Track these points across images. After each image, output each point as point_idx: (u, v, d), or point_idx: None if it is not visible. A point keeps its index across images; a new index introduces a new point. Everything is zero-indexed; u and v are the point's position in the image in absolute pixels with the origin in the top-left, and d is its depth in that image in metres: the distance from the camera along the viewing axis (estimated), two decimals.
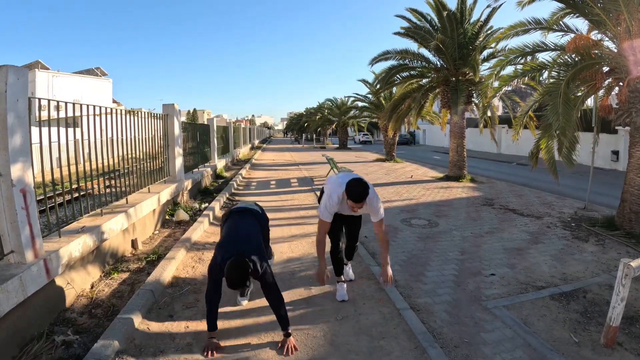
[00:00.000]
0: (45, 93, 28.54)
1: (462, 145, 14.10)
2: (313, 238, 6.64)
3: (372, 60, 15.36)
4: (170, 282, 4.83)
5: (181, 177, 9.01)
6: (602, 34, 7.41)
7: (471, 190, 11.92)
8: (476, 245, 6.34)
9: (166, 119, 8.46)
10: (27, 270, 3.41)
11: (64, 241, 4.19)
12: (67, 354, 3.36)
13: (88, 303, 4.31)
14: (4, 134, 3.30)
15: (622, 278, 3.31)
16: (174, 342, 3.56)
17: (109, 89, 39.32)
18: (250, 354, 3.41)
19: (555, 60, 7.74)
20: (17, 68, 3.42)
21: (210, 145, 14.69)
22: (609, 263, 5.51)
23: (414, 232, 7.08)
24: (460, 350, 3.44)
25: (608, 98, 8.20)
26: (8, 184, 3.34)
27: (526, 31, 8.68)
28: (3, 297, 3.07)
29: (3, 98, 3.28)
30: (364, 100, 27.76)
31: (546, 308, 4.21)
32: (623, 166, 17.68)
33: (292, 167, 19.24)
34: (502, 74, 9.49)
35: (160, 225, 7.50)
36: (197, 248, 6.13)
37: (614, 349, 3.43)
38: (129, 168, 6.43)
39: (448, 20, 12.85)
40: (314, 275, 4.19)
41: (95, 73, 40.99)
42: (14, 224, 3.43)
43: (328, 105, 42.59)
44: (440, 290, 4.67)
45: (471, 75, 13.12)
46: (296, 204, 9.80)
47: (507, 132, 28.24)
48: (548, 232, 7.10)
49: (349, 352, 3.42)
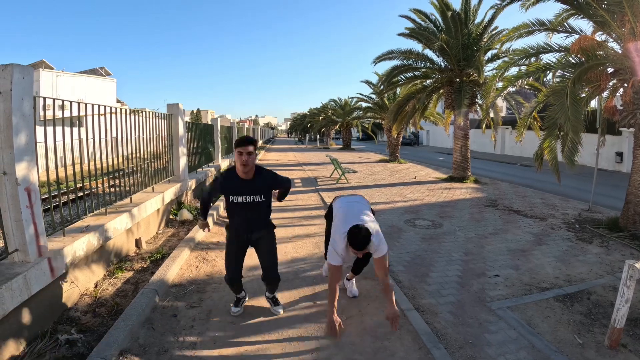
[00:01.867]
0: (49, 92, 28.60)
1: (465, 146, 14.07)
2: (317, 238, 6.67)
3: (376, 59, 15.33)
4: (174, 282, 4.84)
5: (185, 177, 9.02)
6: (607, 35, 7.38)
7: (475, 191, 11.90)
8: (480, 246, 6.33)
9: (170, 118, 8.48)
10: (31, 268, 3.42)
11: (68, 240, 4.20)
12: (71, 352, 3.36)
13: (92, 302, 4.32)
14: (9, 133, 3.31)
15: (627, 279, 3.30)
16: (177, 341, 3.56)
17: (113, 88, 39.35)
18: (254, 354, 3.41)
19: (560, 61, 7.72)
20: (23, 67, 3.43)
21: (214, 145, 14.70)
22: (613, 265, 5.49)
23: (418, 233, 7.07)
24: (465, 351, 3.43)
25: (612, 99, 8.17)
26: (13, 183, 3.36)
27: (530, 32, 8.65)
28: (7, 296, 3.08)
29: (8, 97, 3.29)
30: (368, 101, 27.72)
31: (550, 309, 4.20)
32: (627, 168, 17.64)
33: (296, 168, 19.24)
34: (506, 75, 9.47)
35: (164, 225, 7.51)
36: (201, 248, 6.14)
37: (618, 350, 3.42)
38: (133, 167, 6.44)
39: (452, 21, 12.83)
40: (325, 327, 3.56)
41: (100, 73, 41.06)
42: (18, 222, 3.44)
43: (332, 105, 42.55)
44: (445, 291, 4.66)
45: (475, 76, 13.08)
46: (300, 204, 9.80)
47: (511, 133, 28.21)
48: (552, 233, 7.08)
49: (354, 352, 3.42)
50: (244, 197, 3.66)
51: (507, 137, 29.92)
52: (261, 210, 3.80)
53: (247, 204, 3.68)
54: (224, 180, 3.72)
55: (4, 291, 3.04)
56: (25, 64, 3.48)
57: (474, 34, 13.34)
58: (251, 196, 3.67)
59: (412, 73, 15.16)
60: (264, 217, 3.88)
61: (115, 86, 39.22)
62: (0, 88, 3.30)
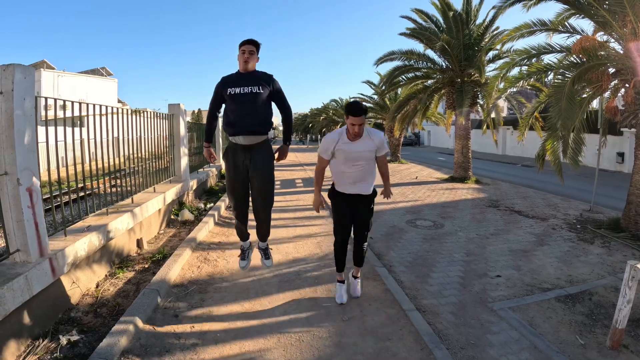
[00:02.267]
0: (50, 93, 28.61)
1: (467, 146, 14.07)
2: (318, 238, 6.67)
3: (378, 60, 15.31)
4: (176, 282, 4.84)
5: (186, 177, 9.02)
6: (608, 35, 7.36)
7: (476, 191, 11.89)
8: (482, 246, 6.32)
9: (172, 118, 8.48)
10: (32, 269, 3.42)
11: (69, 240, 4.20)
12: (72, 353, 3.36)
13: (93, 302, 4.32)
14: (10, 133, 3.31)
15: (629, 280, 3.29)
16: (179, 341, 3.56)
17: (114, 88, 39.34)
18: (255, 355, 3.41)
19: (561, 61, 7.71)
20: (24, 67, 3.43)
21: (216, 145, 14.70)
22: (614, 265, 5.48)
23: (419, 233, 7.06)
24: (467, 352, 3.43)
25: (614, 100, 8.16)
26: (14, 183, 3.36)
27: (532, 33, 8.64)
28: (9, 296, 3.08)
29: (10, 96, 3.29)
30: (369, 101, 27.66)
31: (552, 310, 4.19)
32: (628, 168, 17.62)
33: (297, 168, 19.24)
34: (507, 75, 9.46)
35: (166, 225, 7.51)
36: (202, 248, 6.14)
37: (620, 351, 3.41)
38: (134, 168, 6.45)
39: (454, 21, 12.82)
40: (313, 203, 4.38)
41: (101, 73, 41.07)
42: (20, 222, 3.44)
43: (333, 106, 42.57)
44: (446, 291, 4.66)
45: (477, 76, 13.07)
46: (301, 205, 9.79)
47: (512, 133, 28.20)
48: (554, 234, 7.07)
49: (355, 353, 3.41)
50: (241, 87, 3.74)
51: (509, 137, 29.90)
52: (260, 104, 3.84)
53: (245, 96, 3.75)
54: (223, 78, 3.92)
55: (5, 291, 3.04)
56: (26, 64, 3.49)
57: (475, 34, 13.34)
58: (249, 87, 3.74)
59: (414, 73, 15.12)
60: (263, 117, 3.90)
61: (116, 86, 39.23)
62: (2, 88, 3.30)
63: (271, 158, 4.13)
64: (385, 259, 5.71)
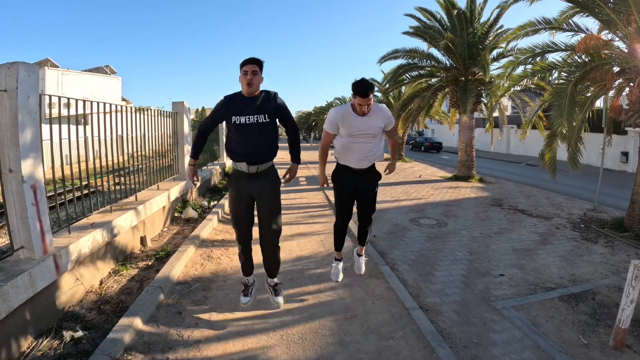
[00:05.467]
0: (54, 91, 28.71)
1: (471, 145, 14.05)
2: (322, 236, 6.68)
3: (381, 58, 15.28)
4: (179, 279, 4.85)
5: None
6: (613, 33, 7.33)
7: (480, 190, 11.87)
8: (485, 245, 6.31)
9: (175, 116, 8.49)
10: (36, 266, 3.43)
11: (73, 237, 4.21)
12: (75, 349, 3.38)
13: (97, 299, 4.34)
14: (14, 131, 3.32)
15: (632, 280, 3.28)
16: (182, 338, 3.57)
17: (118, 87, 39.50)
18: (258, 352, 3.42)
19: (565, 60, 7.68)
20: (28, 65, 3.44)
21: (219, 143, 14.72)
22: (618, 265, 5.46)
23: (423, 232, 7.05)
24: (469, 351, 3.43)
25: (618, 99, 8.13)
26: (19, 180, 3.37)
27: (536, 31, 8.62)
28: (13, 293, 3.10)
29: (14, 94, 3.30)
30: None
31: (555, 309, 4.18)
32: (632, 167, 17.55)
33: (301, 166, 19.16)
34: (512, 74, 9.43)
35: (169, 223, 7.53)
36: (205, 245, 6.15)
37: (623, 351, 3.40)
38: (138, 165, 6.46)
39: (458, 20, 12.80)
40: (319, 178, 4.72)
41: (105, 71, 41.23)
42: (24, 220, 3.46)
43: (337, 104, 42.56)
44: (449, 290, 4.65)
45: (481, 75, 13.04)
46: (305, 203, 9.79)
47: (516, 132, 28.13)
48: (557, 233, 7.05)
49: (358, 351, 3.41)
50: (246, 117, 3.48)
51: (512, 136, 29.84)
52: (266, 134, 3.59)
53: (250, 127, 3.50)
54: (226, 101, 3.61)
55: (9, 288, 3.05)
56: (31, 62, 3.50)
57: (480, 32, 13.31)
58: (254, 116, 3.48)
59: (418, 72, 15.11)
60: (269, 146, 3.67)
61: (120, 84, 39.37)
62: (7, 86, 3.31)
63: (277, 183, 3.89)
64: (389, 257, 5.71)
